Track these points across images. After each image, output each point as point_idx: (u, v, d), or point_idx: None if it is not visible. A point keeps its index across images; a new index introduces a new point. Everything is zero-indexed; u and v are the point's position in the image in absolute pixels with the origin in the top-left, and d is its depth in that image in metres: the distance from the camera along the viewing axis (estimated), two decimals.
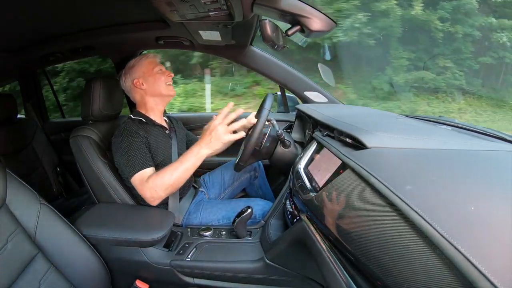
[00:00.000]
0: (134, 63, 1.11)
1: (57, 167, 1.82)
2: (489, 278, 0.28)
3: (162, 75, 1.10)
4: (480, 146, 0.59)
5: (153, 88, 1.10)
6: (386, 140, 0.58)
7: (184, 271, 0.94)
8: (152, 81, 1.09)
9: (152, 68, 1.10)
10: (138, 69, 1.10)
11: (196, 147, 0.93)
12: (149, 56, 1.13)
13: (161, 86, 1.10)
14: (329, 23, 0.79)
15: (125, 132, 1.00)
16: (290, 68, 1.41)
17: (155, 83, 1.09)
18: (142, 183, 0.93)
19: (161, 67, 1.13)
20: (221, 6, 0.80)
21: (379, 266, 0.41)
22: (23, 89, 1.90)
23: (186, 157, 0.93)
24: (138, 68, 1.10)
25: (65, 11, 1.01)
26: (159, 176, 0.92)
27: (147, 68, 1.10)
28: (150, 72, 1.09)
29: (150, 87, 1.10)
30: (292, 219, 0.86)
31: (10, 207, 0.72)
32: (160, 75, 1.10)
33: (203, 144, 0.92)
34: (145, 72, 1.09)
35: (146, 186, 0.92)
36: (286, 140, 1.05)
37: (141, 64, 1.10)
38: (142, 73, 1.10)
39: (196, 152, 0.92)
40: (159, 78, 1.10)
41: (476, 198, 0.38)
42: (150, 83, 1.09)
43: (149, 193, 0.92)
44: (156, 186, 0.91)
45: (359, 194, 0.49)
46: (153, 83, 1.09)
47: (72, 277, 0.78)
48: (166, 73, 1.12)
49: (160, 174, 0.93)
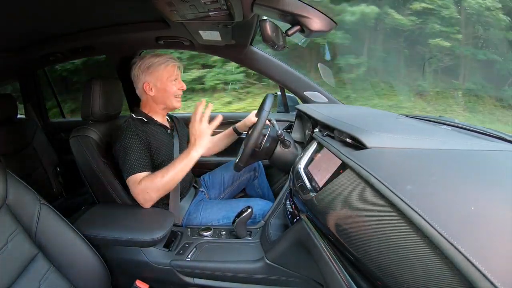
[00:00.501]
0: (151, 65, 1.06)
1: (57, 167, 1.82)
2: (489, 278, 0.28)
3: (173, 86, 1.08)
4: (480, 146, 0.59)
5: (161, 98, 1.08)
6: (386, 140, 0.58)
7: (184, 271, 0.94)
8: (162, 91, 1.07)
9: (167, 77, 1.07)
10: (153, 73, 1.06)
11: (186, 151, 0.94)
12: (169, 62, 1.07)
13: (169, 97, 1.08)
14: (329, 23, 0.79)
15: (126, 132, 0.99)
16: (290, 68, 1.41)
17: (164, 94, 1.07)
18: (135, 185, 0.94)
19: (177, 77, 1.09)
20: (221, 6, 0.80)
21: (379, 266, 0.41)
22: (23, 89, 1.90)
23: (177, 160, 0.94)
24: (154, 72, 1.06)
25: (65, 11, 1.01)
26: (150, 178, 0.93)
27: (162, 76, 1.06)
28: (163, 81, 1.06)
29: (158, 95, 1.08)
30: (292, 219, 0.86)
31: (10, 207, 0.72)
32: (171, 86, 1.07)
33: (190, 146, 0.94)
34: (158, 79, 1.06)
35: (138, 188, 0.93)
36: (286, 140, 1.05)
37: (158, 69, 1.06)
38: (155, 79, 1.06)
39: (185, 156, 0.94)
40: (170, 89, 1.07)
41: (476, 198, 0.38)
42: (159, 91, 1.07)
43: (141, 196, 0.94)
44: (148, 188, 0.92)
45: (359, 194, 0.49)
46: (162, 93, 1.07)
47: (72, 277, 0.78)
48: (179, 86, 1.09)
49: (151, 176, 0.94)
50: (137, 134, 0.99)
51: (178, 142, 1.16)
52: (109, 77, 1.17)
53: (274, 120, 1.08)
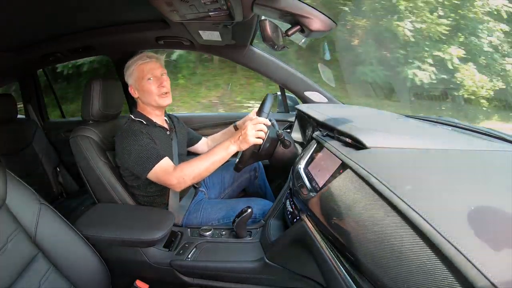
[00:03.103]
0: (129, 66, 1.05)
1: (57, 167, 1.82)
2: (489, 278, 0.28)
3: (152, 84, 1.02)
4: (480, 146, 0.59)
5: (146, 98, 1.04)
6: (386, 140, 0.58)
7: (184, 271, 0.94)
8: (142, 91, 1.03)
9: (142, 77, 1.02)
10: (131, 75, 1.04)
11: (227, 142, 0.95)
12: (143, 58, 1.02)
13: (151, 97, 1.03)
14: (329, 23, 0.79)
15: (129, 132, 0.98)
16: (290, 68, 1.41)
17: (146, 94, 1.03)
18: (168, 171, 0.94)
19: (152, 75, 1.02)
20: (221, 6, 0.80)
21: (378, 266, 0.41)
22: (23, 89, 1.90)
23: (216, 149, 0.95)
24: (132, 74, 1.04)
25: (65, 11, 1.01)
26: (188, 164, 0.94)
27: (139, 75, 1.02)
28: (140, 82, 1.02)
29: (142, 96, 1.05)
30: (292, 219, 0.86)
31: (10, 207, 0.72)
32: (150, 85, 1.01)
33: (233, 140, 0.94)
34: (136, 80, 1.03)
35: (173, 175, 0.94)
36: (286, 140, 1.05)
37: (134, 70, 1.03)
38: (134, 81, 1.04)
39: (226, 146, 0.94)
40: (149, 88, 1.02)
41: (476, 198, 0.38)
42: (141, 92, 1.04)
43: (176, 181, 0.94)
44: (185, 174, 0.93)
45: (359, 194, 0.49)
46: (143, 93, 1.03)
47: (72, 277, 0.78)
48: (158, 83, 1.02)
49: (189, 163, 0.95)
50: (140, 131, 0.99)
51: (177, 143, 1.15)
52: (109, 77, 1.17)
53: (274, 120, 1.08)
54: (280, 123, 1.32)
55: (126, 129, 1.01)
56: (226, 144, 0.95)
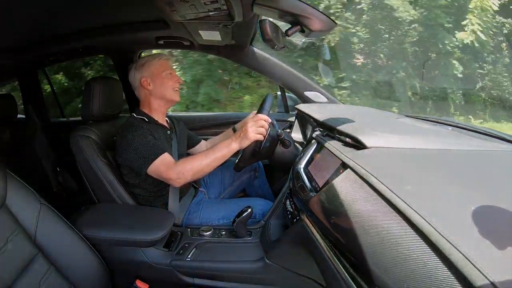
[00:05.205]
0: (146, 61, 1.10)
1: (57, 167, 1.82)
2: (489, 278, 0.28)
3: (170, 79, 1.09)
4: (480, 146, 0.59)
5: (159, 91, 1.09)
6: (386, 140, 0.58)
7: (184, 271, 0.94)
8: (159, 84, 1.09)
9: (162, 71, 1.09)
10: (148, 68, 1.09)
11: (229, 140, 0.96)
12: (162, 57, 1.12)
13: (167, 90, 1.09)
14: (329, 23, 0.79)
15: (130, 128, 0.99)
16: (290, 68, 1.41)
17: (162, 86, 1.09)
18: (169, 166, 0.95)
19: (171, 71, 1.12)
20: (221, 6, 0.80)
21: (378, 266, 0.41)
22: (23, 89, 1.90)
23: (218, 146, 0.96)
24: (148, 67, 1.09)
25: (65, 11, 1.01)
26: (190, 160, 0.96)
27: (157, 69, 1.09)
28: (159, 75, 1.08)
29: (156, 89, 1.09)
30: (292, 219, 0.86)
31: (10, 207, 0.72)
32: (168, 79, 1.09)
33: (234, 138, 0.95)
34: (153, 73, 1.09)
35: (173, 169, 0.94)
36: (286, 140, 1.05)
37: (152, 64, 1.09)
38: (151, 73, 1.09)
39: (227, 144, 0.95)
40: (167, 82, 1.09)
41: (476, 197, 0.38)
42: (157, 85, 1.09)
43: (176, 176, 0.94)
44: (186, 169, 0.94)
45: (359, 194, 0.49)
46: (159, 85, 1.09)
47: (72, 277, 0.78)
48: (175, 79, 1.11)
49: (190, 158, 0.97)
50: (141, 127, 1.00)
51: (177, 143, 1.16)
52: (109, 77, 1.17)
53: (274, 120, 1.08)
54: (280, 123, 1.32)
55: (126, 125, 1.02)
56: (227, 141, 0.96)
